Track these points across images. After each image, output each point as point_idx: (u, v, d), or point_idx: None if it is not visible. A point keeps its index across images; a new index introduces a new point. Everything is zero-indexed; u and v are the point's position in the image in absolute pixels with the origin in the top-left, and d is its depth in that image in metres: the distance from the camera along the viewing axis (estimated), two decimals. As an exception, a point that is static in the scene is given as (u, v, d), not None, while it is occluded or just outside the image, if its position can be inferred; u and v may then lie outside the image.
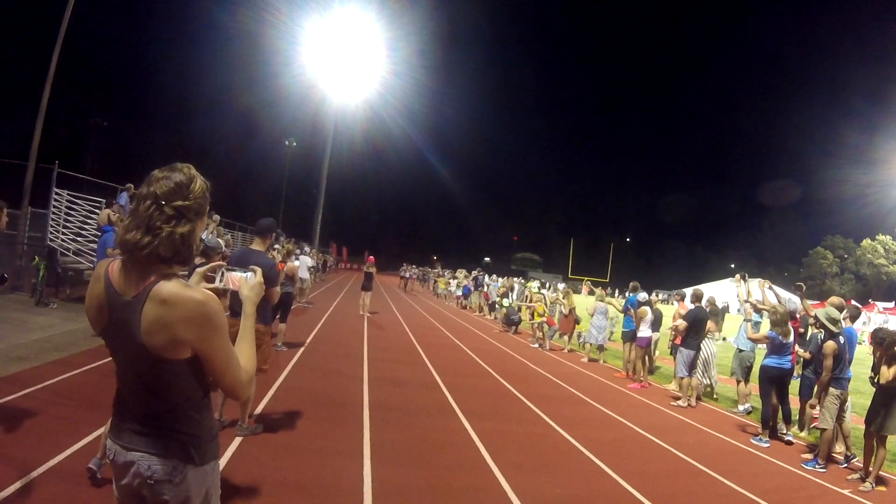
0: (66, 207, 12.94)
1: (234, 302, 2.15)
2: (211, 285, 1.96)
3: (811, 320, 7.79)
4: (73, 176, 13.67)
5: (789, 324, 7.55)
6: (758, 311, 9.00)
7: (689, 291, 10.03)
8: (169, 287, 1.60)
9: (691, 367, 9.05)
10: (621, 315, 11.76)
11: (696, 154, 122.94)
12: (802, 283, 8.74)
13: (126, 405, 1.71)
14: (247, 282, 1.98)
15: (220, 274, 1.98)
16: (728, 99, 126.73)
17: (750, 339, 8.53)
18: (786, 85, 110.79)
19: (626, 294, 11.95)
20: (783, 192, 74.65)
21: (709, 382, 9.77)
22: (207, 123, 48.24)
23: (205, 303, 1.62)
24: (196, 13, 60.37)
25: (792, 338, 7.54)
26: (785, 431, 7.55)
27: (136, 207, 1.66)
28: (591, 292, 13.89)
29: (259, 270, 2.03)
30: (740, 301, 9.53)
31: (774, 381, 7.43)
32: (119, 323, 1.64)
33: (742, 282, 9.27)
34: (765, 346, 7.79)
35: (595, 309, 12.73)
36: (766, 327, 7.95)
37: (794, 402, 8.00)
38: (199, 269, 2.00)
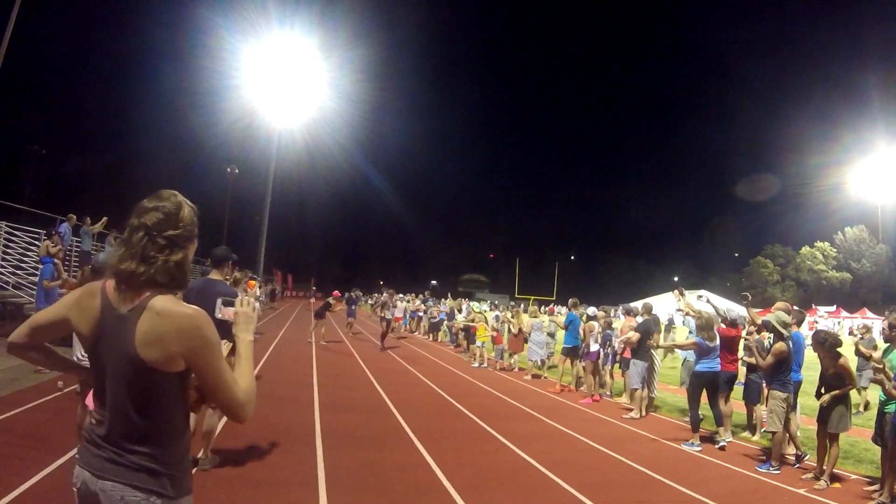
0: (5, 239, 12.49)
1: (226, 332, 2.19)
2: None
3: (755, 327, 8.07)
4: (11, 206, 13.20)
5: (715, 328, 7.75)
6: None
7: (636, 305, 10.26)
8: (163, 300, 1.68)
9: (643, 379, 9.25)
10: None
11: (637, 168, 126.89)
12: (748, 293, 9.02)
13: (102, 427, 1.68)
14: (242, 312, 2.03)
15: (217, 306, 2.05)
16: (668, 114, 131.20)
17: (677, 346, 8.66)
18: (726, 98, 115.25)
19: (568, 310, 12.15)
20: (723, 203, 77.58)
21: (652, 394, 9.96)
22: (148, 151, 47.22)
23: (194, 316, 1.68)
24: (137, 40, 59.58)
25: (718, 341, 7.72)
26: (720, 437, 7.57)
27: (129, 238, 1.73)
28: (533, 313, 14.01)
29: (249, 299, 2.07)
30: (683, 313, 9.83)
31: (706, 385, 7.60)
32: (113, 335, 1.67)
33: (681, 296, 9.55)
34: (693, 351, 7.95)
35: (531, 326, 12.97)
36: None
37: (741, 407, 8.33)
38: None
